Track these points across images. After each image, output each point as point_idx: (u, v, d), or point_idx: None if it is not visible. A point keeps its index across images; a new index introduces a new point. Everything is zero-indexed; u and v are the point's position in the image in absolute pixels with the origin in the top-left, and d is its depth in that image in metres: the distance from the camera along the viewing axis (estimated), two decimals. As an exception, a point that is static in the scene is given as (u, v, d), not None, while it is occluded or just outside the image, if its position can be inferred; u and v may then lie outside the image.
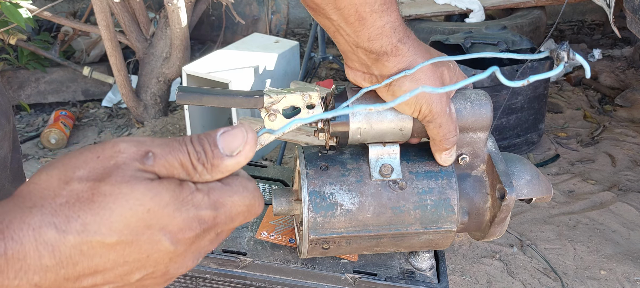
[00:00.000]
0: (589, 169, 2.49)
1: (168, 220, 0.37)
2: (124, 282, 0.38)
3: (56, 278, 0.35)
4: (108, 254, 0.36)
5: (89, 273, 0.36)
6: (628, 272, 1.87)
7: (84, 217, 0.35)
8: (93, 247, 0.35)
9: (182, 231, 0.38)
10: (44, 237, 0.34)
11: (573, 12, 4.52)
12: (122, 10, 2.76)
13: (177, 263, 0.39)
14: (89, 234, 0.35)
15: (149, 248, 0.37)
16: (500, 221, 0.66)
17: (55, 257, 0.34)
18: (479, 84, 2.32)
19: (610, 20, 2.14)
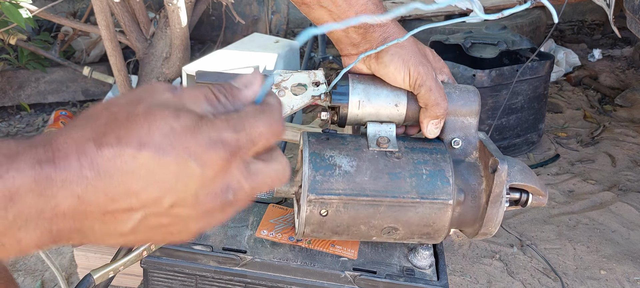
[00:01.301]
0: (589, 169, 2.49)
1: (192, 141, 0.39)
2: (157, 207, 0.39)
3: (95, 193, 0.37)
4: (139, 170, 0.38)
5: (124, 193, 0.38)
6: (628, 272, 1.87)
7: (117, 132, 0.38)
8: (125, 162, 0.37)
9: (207, 152, 0.39)
10: (84, 149, 0.37)
11: (573, 12, 4.52)
12: (122, 10, 2.76)
13: (207, 190, 0.40)
14: (122, 147, 0.37)
15: (177, 169, 0.39)
16: (495, 199, 0.66)
17: (93, 168, 0.37)
18: (479, 83, 2.32)
19: (610, 20, 2.14)
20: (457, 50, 2.59)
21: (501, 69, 2.34)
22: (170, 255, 0.72)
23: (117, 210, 0.38)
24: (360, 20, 0.50)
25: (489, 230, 0.69)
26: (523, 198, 0.71)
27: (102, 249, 1.70)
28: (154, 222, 0.40)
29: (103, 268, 0.62)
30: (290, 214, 0.80)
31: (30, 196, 0.36)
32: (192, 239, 0.45)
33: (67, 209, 0.37)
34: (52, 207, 0.37)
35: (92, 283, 0.61)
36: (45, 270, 1.85)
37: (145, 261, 0.72)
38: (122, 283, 1.73)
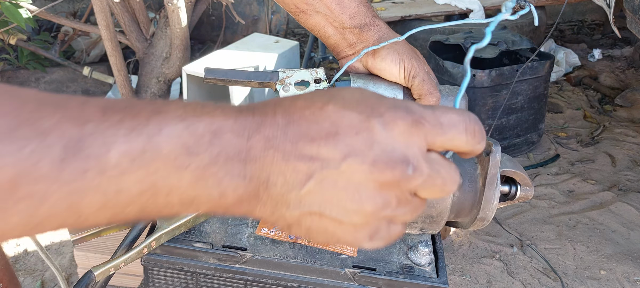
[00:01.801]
0: (589, 169, 2.49)
1: (377, 103, 0.42)
2: (333, 163, 0.40)
3: (283, 138, 0.40)
4: (324, 121, 0.40)
5: (308, 140, 0.40)
6: (628, 272, 1.87)
7: (311, 95, 0.42)
8: (313, 112, 0.41)
9: (389, 112, 0.41)
10: (280, 102, 0.42)
11: (573, 12, 4.52)
12: (122, 10, 2.76)
13: (385, 153, 0.40)
14: (313, 101, 0.41)
15: (358, 123, 0.40)
16: (492, 180, 0.67)
17: (285, 116, 0.41)
18: (479, 83, 2.33)
19: (610, 20, 2.14)
20: (457, 50, 2.59)
21: (501, 69, 2.34)
22: (170, 252, 0.72)
23: (299, 159, 0.40)
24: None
25: (486, 215, 0.70)
26: (512, 191, 0.73)
27: (101, 249, 1.70)
28: (329, 190, 0.40)
29: (104, 265, 0.62)
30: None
31: (229, 135, 0.39)
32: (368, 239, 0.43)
33: (257, 153, 0.39)
34: (246, 149, 0.39)
35: (93, 280, 0.61)
36: (45, 270, 1.85)
37: (146, 259, 0.72)
38: (122, 283, 1.73)
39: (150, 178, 0.37)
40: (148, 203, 0.38)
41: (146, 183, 0.37)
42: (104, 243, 1.70)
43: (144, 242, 0.67)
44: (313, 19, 0.78)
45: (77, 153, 0.35)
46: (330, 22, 0.77)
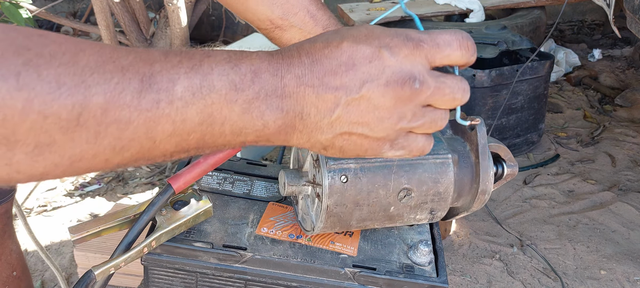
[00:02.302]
0: (589, 169, 2.49)
1: (383, 35, 0.50)
2: (354, 90, 0.49)
3: (311, 74, 0.48)
4: (341, 56, 0.49)
5: (331, 74, 0.49)
6: (628, 272, 1.87)
7: (327, 35, 0.51)
8: (331, 50, 0.49)
9: (394, 40, 0.49)
10: (302, 45, 0.50)
11: (573, 12, 4.52)
12: (122, 10, 2.76)
13: (395, 74, 0.49)
14: (329, 41, 0.50)
15: (370, 54, 0.49)
16: (483, 150, 0.71)
17: (309, 56, 0.49)
18: (479, 83, 2.33)
19: (610, 20, 2.14)
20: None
21: (501, 69, 2.34)
22: (170, 252, 0.72)
23: (327, 91, 0.48)
24: None
25: (486, 186, 0.71)
26: (499, 171, 0.76)
27: (101, 249, 1.70)
28: (355, 112, 0.49)
29: (104, 265, 0.62)
30: (290, 212, 0.80)
31: (266, 75, 0.47)
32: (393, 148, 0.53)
33: (291, 90, 0.48)
34: (281, 86, 0.48)
35: (93, 279, 0.61)
36: (45, 270, 1.85)
37: (146, 258, 0.72)
38: (122, 283, 1.73)
39: (207, 110, 0.45)
40: (206, 132, 0.46)
41: (205, 113, 0.45)
42: (104, 243, 1.70)
43: (144, 241, 0.67)
44: (288, 34, 0.81)
45: (150, 86, 0.43)
46: (304, 35, 0.81)
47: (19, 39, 0.39)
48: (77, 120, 0.40)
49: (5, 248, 1.05)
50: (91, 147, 0.42)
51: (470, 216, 2.16)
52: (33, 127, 0.39)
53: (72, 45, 0.41)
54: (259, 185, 0.86)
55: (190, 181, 0.72)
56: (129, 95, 0.42)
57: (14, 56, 0.38)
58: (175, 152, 0.47)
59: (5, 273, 1.05)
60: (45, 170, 0.42)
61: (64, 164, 0.42)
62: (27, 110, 0.38)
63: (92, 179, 2.54)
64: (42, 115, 0.38)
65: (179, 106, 0.44)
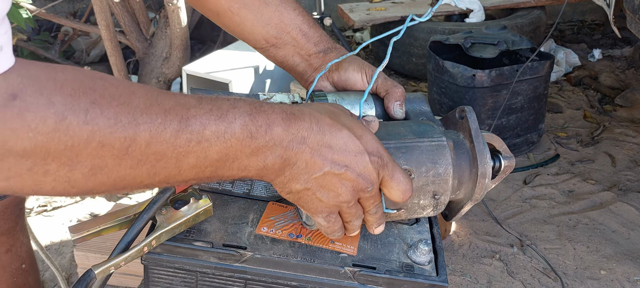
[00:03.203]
0: (589, 169, 2.49)
1: (371, 142, 0.64)
2: (338, 166, 0.62)
3: (314, 140, 0.61)
4: (340, 139, 0.62)
5: (327, 146, 0.61)
6: (628, 272, 1.87)
7: (335, 116, 0.64)
8: (336, 130, 0.62)
9: (375, 154, 0.64)
10: (315, 115, 0.62)
11: (573, 12, 4.52)
12: (122, 10, 2.76)
13: (365, 175, 0.63)
14: (336, 122, 0.63)
15: (357, 151, 0.62)
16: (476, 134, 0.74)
17: (317, 125, 0.61)
18: (479, 83, 2.33)
19: (610, 20, 2.14)
20: (457, 50, 2.59)
21: (501, 69, 2.34)
22: (170, 251, 0.72)
23: (319, 157, 0.61)
24: None
25: (485, 169, 0.73)
26: (496, 165, 0.77)
27: (101, 249, 1.70)
28: (327, 181, 0.62)
29: (104, 264, 0.62)
30: (290, 212, 0.80)
31: (279, 129, 0.58)
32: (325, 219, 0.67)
33: (295, 145, 0.60)
34: (288, 141, 0.59)
35: (93, 278, 0.61)
36: (45, 270, 1.85)
37: (146, 257, 0.72)
38: (122, 283, 1.73)
39: (225, 151, 0.56)
40: (219, 166, 0.57)
41: (222, 153, 0.56)
42: (104, 243, 1.70)
43: (144, 240, 0.67)
44: (282, 51, 0.89)
45: (186, 128, 0.53)
46: (298, 51, 0.88)
47: (87, 81, 0.48)
48: (127, 150, 0.49)
49: (16, 240, 1.07)
50: (133, 171, 0.51)
51: (470, 216, 2.16)
52: (92, 153, 0.48)
53: (127, 88, 0.51)
54: (259, 185, 0.86)
55: (190, 180, 0.72)
56: (169, 134, 0.51)
57: (83, 96, 0.47)
58: (192, 179, 0.57)
59: (14, 266, 1.07)
60: (94, 187, 0.51)
61: (109, 183, 0.51)
62: (90, 139, 0.47)
63: (92, 179, 2.54)
64: (100, 144, 0.48)
65: (205, 146, 0.54)
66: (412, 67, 3.43)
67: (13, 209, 1.05)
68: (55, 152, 0.46)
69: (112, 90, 0.49)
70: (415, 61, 3.37)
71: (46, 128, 0.45)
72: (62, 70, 0.47)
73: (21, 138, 0.44)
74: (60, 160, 0.47)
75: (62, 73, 0.47)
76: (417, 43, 3.29)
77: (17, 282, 1.08)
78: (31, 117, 0.44)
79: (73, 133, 0.46)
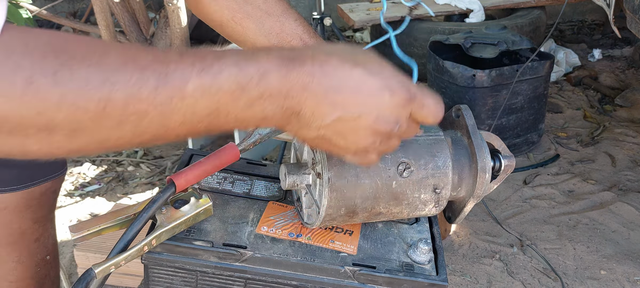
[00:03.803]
0: (589, 169, 2.49)
1: (391, 77, 0.57)
2: (350, 111, 0.56)
3: (318, 85, 0.54)
4: (350, 80, 0.55)
5: (335, 91, 0.55)
6: (628, 272, 1.87)
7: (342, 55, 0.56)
8: (344, 71, 0.55)
9: (398, 88, 0.57)
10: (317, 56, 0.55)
11: (573, 12, 4.52)
12: (122, 10, 2.76)
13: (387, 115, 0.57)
14: (344, 61, 0.55)
15: (375, 90, 0.56)
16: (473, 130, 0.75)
17: (320, 69, 0.54)
18: (479, 83, 2.33)
19: (610, 20, 2.14)
20: (457, 50, 2.59)
21: (501, 69, 2.34)
22: (170, 251, 0.72)
23: (326, 103, 0.55)
24: None
25: (485, 163, 0.73)
26: (496, 165, 0.77)
27: (101, 249, 1.70)
28: (341, 127, 0.57)
29: (104, 263, 0.62)
30: (290, 211, 0.80)
31: (274, 77, 0.52)
32: (354, 157, 0.61)
33: (295, 93, 0.53)
34: (287, 89, 0.53)
35: (93, 277, 0.61)
36: (46, 270, 1.85)
37: (146, 257, 0.72)
38: (123, 283, 1.73)
39: (214, 105, 0.52)
40: (212, 121, 0.53)
41: (211, 108, 0.52)
42: (104, 243, 1.70)
43: (144, 239, 0.67)
44: None
45: (165, 84, 0.49)
46: None
47: (59, 43, 0.47)
48: (103, 111, 0.47)
49: (45, 231, 1.08)
50: (115, 132, 0.50)
51: (470, 216, 2.16)
52: (67, 116, 0.46)
53: (101, 47, 0.49)
54: (259, 185, 0.86)
55: (191, 180, 0.72)
56: (146, 91, 0.48)
57: (53, 58, 0.45)
58: (186, 134, 0.54)
59: (40, 255, 1.08)
60: (80, 147, 0.50)
61: (94, 144, 0.50)
62: (61, 103, 0.45)
63: (92, 179, 2.55)
64: (74, 106, 0.46)
65: (189, 102, 0.50)
66: (412, 67, 3.42)
67: (50, 196, 1.07)
68: (29, 117, 0.45)
69: (83, 50, 0.47)
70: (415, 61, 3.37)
71: (15, 93, 0.44)
72: (36, 33, 0.47)
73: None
74: (36, 125, 0.46)
75: (34, 37, 0.46)
76: (417, 43, 3.29)
77: (40, 273, 1.09)
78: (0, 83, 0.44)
79: (43, 96, 0.45)
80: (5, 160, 0.97)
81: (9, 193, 0.99)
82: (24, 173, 1.00)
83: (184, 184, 0.71)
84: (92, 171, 2.61)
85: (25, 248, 1.05)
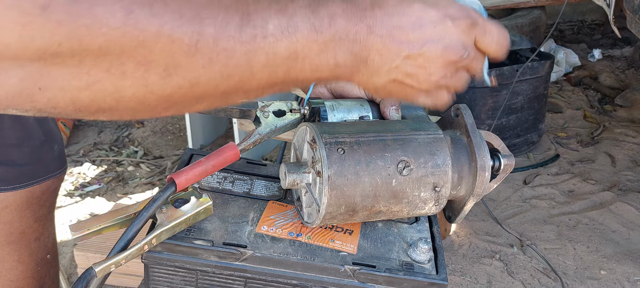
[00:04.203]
0: (589, 169, 2.49)
1: (450, 7, 0.59)
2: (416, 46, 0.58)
3: (381, 25, 0.56)
4: (411, 15, 0.57)
5: (399, 28, 0.57)
6: (628, 272, 1.87)
7: None
8: (403, 8, 0.57)
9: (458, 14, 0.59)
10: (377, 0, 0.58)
11: (573, 12, 4.52)
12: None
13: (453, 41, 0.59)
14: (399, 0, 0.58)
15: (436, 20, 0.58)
16: (472, 129, 0.75)
17: (382, 10, 0.57)
18: (479, 83, 2.33)
19: (610, 20, 2.14)
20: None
21: (501, 69, 2.34)
22: (171, 250, 0.72)
23: (392, 42, 0.57)
24: None
25: (484, 162, 0.74)
26: (496, 164, 0.78)
27: (101, 249, 1.70)
28: (411, 65, 0.58)
29: (105, 262, 0.62)
30: (290, 210, 0.81)
31: (341, 20, 0.55)
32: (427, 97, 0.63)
33: (362, 37, 0.56)
34: (354, 33, 0.55)
35: (93, 276, 0.61)
36: (46, 269, 1.85)
37: (146, 256, 0.72)
38: (122, 283, 1.73)
39: (293, 46, 0.53)
40: (291, 66, 0.54)
41: (290, 49, 0.53)
42: (104, 243, 1.70)
43: (144, 238, 0.67)
44: None
45: (248, 22, 0.51)
46: None
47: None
48: (196, 46, 0.48)
49: (45, 230, 1.08)
50: (206, 72, 0.50)
51: (470, 216, 2.16)
52: (164, 49, 0.47)
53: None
54: (259, 184, 0.86)
55: (192, 179, 0.72)
56: (232, 29, 0.50)
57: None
58: (267, 85, 0.55)
59: (40, 254, 1.08)
60: (172, 91, 0.50)
61: (186, 87, 0.51)
62: (159, 33, 0.46)
63: (92, 179, 2.55)
64: (170, 38, 0.47)
65: (271, 41, 0.52)
66: (412, 67, 3.43)
67: (50, 195, 1.07)
68: (129, 48, 0.46)
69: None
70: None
71: (116, 22, 0.45)
72: None
73: (95, 34, 0.44)
74: (135, 58, 0.47)
75: None
76: (417, 43, 3.29)
77: (41, 272, 1.09)
78: (101, 11, 0.44)
79: (142, 26, 0.46)
80: (6, 159, 0.97)
81: (10, 191, 0.99)
82: (24, 172, 1.00)
83: (184, 183, 0.71)
84: (92, 171, 2.61)
85: (25, 248, 1.05)
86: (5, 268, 1.04)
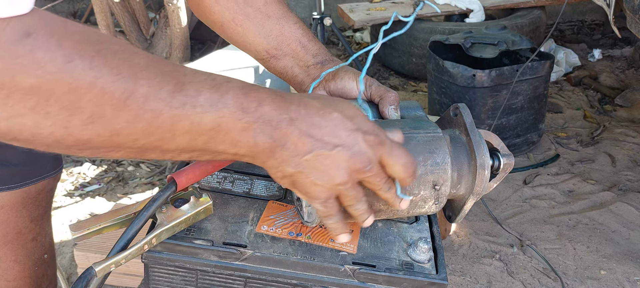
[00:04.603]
0: (589, 169, 2.49)
1: (364, 124, 0.64)
2: (328, 147, 0.62)
3: (302, 121, 0.61)
4: (330, 120, 0.62)
5: (317, 127, 0.61)
6: (628, 272, 1.87)
7: (323, 100, 0.65)
8: (325, 112, 0.62)
9: (369, 129, 0.64)
10: (303, 98, 0.64)
11: (573, 12, 4.52)
12: (122, 10, 2.76)
13: (361, 148, 0.62)
14: (325, 106, 0.63)
15: (350, 131, 0.62)
16: (471, 128, 0.76)
17: (305, 108, 0.62)
18: (479, 83, 2.33)
19: (610, 20, 2.14)
20: (457, 50, 2.59)
21: (501, 69, 2.34)
22: (171, 250, 0.72)
23: (308, 138, 0.61)
24: None
25: (483, 160, 0.74)
26: (495, 164, 0.78)
27: (101, 249, 1.70)
28: (319, 162, 0.62)
29: (105, 261, 0.62)
30: (290, 210, 0.81)
31: (268, 107, 0.60)
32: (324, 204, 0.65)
33: (283, 125, 0.60)
34: (277, 120, 0.60)
35: (93, 275, 0.61)
36: (46, 269, 1.85)
37: (146, 256, 0.72)
38: (122, 283, 1.73)
39: (218, 120, 0.57)
40: (212, 136, 0.58)
41: (216, 122, 0.57)
42: (104, 243, 1.70)
43: (144, 238, 0.67)
44: (282, 62, 0.92)
45: (182, 91, 0.55)
46: (297, 62, 0.92)
47: (95, 36, 0.52)
48: (125, 102, 0.51)
49: (42, 229, 1.09)
50: (129, 126, 0.53)
51: (470, 216, 2.16)
52: (93, 99, 0.50)
53: (129, 48, 0.55)
54: (259, 184, 0.86)
55: (192, 179, 0.72)
56: (165, 93, 0.54)
57: (90, 45, 0.50)
58: (185, 149, 0.59)
59: (37, 254, 1.09)
60: (90, 137, 0.53)
61: (105, 135, 0.53)
62: (92, 85, 0.49)
63: (92, 179, 2.55)
64: (102, 91, 0.50)
65: (198, 111, 0.56)
66: (412, 67, 3.43)
67: (46, 195, 1.07)
68: (59, 92, 0.48)
69: (116, 46, 0.53)
70: (415, 61, 3.37)
71: (54, 67, 0.47)
72: (73, 23, 0.51)
73: (29, 74, 0.47)
74: (62, 103, 0.49)
75: (72, 24, 0.51)
76: (417, 43, 3.29)
77: (38, 272, 1.10)
78: (41, 55, 0.47)
79: (78, 76, 0.48)
80: (1, 159, 0.97)
81: (5, 191, 0.99)
82: (20, 171, 1.00)
83: (184, 183, 0.71)
84: (92, 171, 2.61)
85: (22, 248, 1.05)
86: (2, 268, 1.04)
